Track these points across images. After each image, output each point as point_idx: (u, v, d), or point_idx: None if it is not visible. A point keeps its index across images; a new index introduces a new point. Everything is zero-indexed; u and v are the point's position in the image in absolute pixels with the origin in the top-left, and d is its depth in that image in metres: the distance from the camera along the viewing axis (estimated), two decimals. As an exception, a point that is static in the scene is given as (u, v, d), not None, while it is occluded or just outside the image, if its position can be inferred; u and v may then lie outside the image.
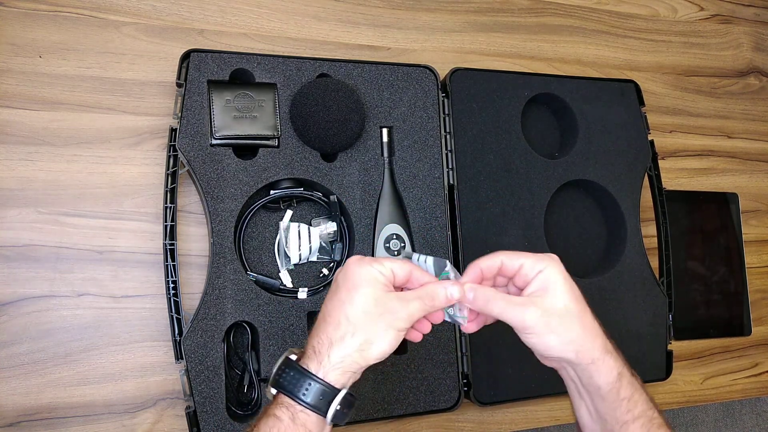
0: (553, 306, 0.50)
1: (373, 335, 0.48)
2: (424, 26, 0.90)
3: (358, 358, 0.48)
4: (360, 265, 0.50)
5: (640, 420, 0.51)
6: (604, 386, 0.51)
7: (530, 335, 0.50)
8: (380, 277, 0.49)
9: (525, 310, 0.50)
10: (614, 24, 1.02)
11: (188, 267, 0.72)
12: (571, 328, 0.50)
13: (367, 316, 0.48)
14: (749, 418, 1.76)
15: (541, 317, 0.49)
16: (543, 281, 0.51)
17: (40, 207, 0.69)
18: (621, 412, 0.51)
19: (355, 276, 0.49)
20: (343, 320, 0.48)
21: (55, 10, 0.73)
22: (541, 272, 0.51)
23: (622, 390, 0.51)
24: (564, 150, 0.89)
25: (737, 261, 1.01)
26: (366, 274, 0.49)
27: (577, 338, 0.50)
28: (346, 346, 0.48)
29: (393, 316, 0.49)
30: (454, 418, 0.80)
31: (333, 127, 0.72)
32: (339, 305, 0.49)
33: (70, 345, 0.68)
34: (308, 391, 0.47)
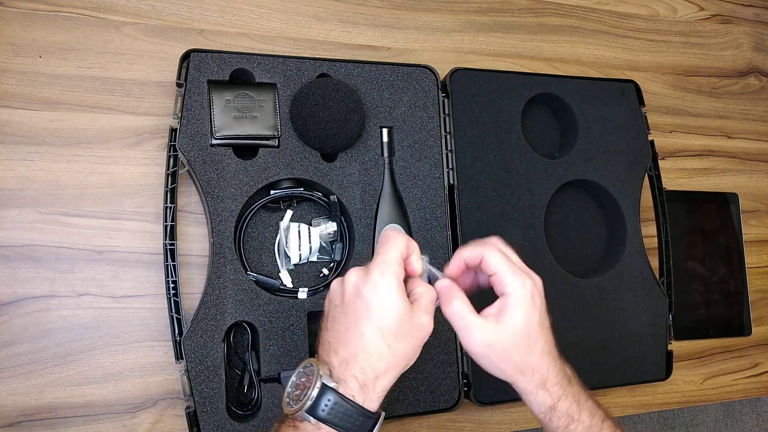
0: (498, 338, 0.51)
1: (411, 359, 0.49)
2: (424, 26, 0.90)
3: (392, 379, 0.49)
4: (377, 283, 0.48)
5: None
6: (537, 414, 0.55)
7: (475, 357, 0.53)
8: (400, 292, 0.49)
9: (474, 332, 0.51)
10: (614, 24, 1.02)
11: (188, 267, 0.72)
12: (506, 365, 0.52)
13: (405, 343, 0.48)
14: (749, 418, 1.76)
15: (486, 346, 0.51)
16: (504, 305, 0.52)
17: (40, 207, 0.69)
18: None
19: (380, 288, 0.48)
20: (386, 351, 0.47)
21: (55, 10, 0.73)
22: (508, 296, 0.52)
23: (554, 420, 0.54)
24: (564, 150, 0.89)
25: (737, 261, 1.01)
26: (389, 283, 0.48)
27: (511, 371, 0.53)
28: (390, 377, 0.48)
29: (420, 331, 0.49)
30: (454, 418, 0.80)
31: (333, 127, 0.72)
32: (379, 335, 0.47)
33: (70, 345, 0.68)
34: (352, 422, 0.46)
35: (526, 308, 0.51)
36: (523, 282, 0.52)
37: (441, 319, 0.76)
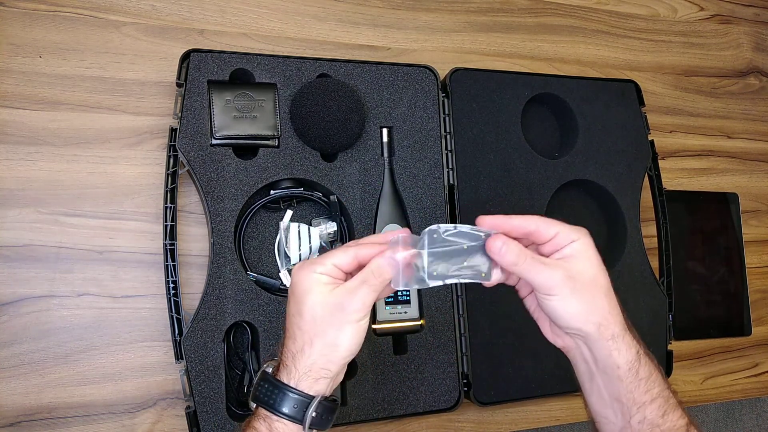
0: (582, 272, 0.49)
1: (333, 338, 0.48)
2: (424, 26, 0.90)
3: (326, 363, 0.48)
4: (301, 274, 0.49)
5: (657, 401, 0.50)
6: (624, 365, 0.49)
7: (553, 297, 0.48)
8: (322, 278, 0.49)
9: (552, 270, 0.48)
10: (614, 24, 1.02)
11: (188, 267, 0.72)
12: (597, 297, 0.49)
13: (318, 323, 0.48)
14: (749, 418, 1.76)
15: (567, 279, 0.48)
16: (575, 249, 0.49)
17: (40, 207, 0.69)
18: (639, 392, 0.49)
19: (298, 286, 0.49)
20: (297, 332, 0.49)
21: (55, 10, 0.73)
22: (574, 242, 0.50)
23: (641, 369, 0.50)
24: (564, 150, 0.89)
25: (737, 261, 1.01)
26: (307, 281, 0.49)
27: (600, 309, 0.49)
28: (307, 356, 0.48)
29: (344, 312, 0.48)
30: (454, 418, 0.80)
31: (333, 127, 0.72)
32: (291, 318, 0.50)
33: (70, 345, 0.68)
34: (282, 402, 0.48)
35: (592, 254, 0.50)
36: (584, 232, 0.51)
37: (441, 319, 0.77)
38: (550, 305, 0.49)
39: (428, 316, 0.77)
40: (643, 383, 0.50)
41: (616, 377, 0.50)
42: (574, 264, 0.49)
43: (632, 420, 0.50)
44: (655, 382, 0.50)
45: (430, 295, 0.77)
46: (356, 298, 0.48)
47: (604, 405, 0.52)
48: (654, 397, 0.50)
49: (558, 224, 0.50)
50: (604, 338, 0.49)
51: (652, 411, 0.49)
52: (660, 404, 0.50)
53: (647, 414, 0.49)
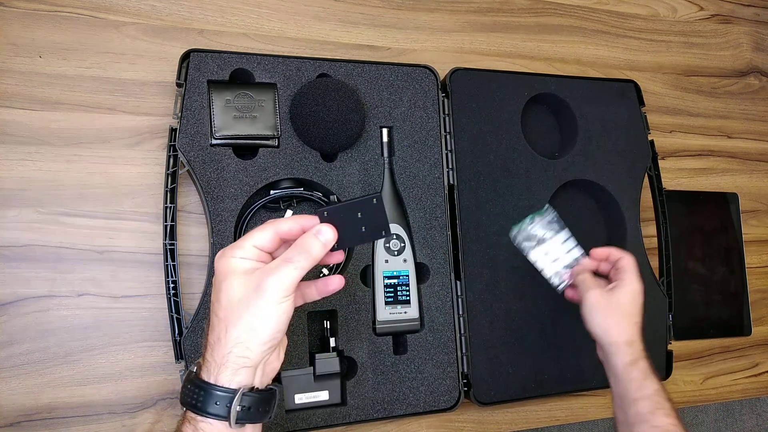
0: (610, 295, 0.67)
1: (249, 322, 0.45)
2: (424, 26, 0.90)
3: (244, 351, 0.46)
4: (220, 261, 0.47)
5: (648, 400, 0.61)
6: (620, 365, 0.63)
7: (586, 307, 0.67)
8: (241, 262, 0.47)
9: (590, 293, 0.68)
10: (614, 24, 1.02)
11: (188, 267, 0.72)
12: (609, 315, 0.66)
13: (235, 306, 0.45)
14: (749, 418, 1.76)
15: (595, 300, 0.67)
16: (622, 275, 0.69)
17: (40, 207, 0.69)
18: (632, 390, 0.62)
19: (218, 274, 0.47)
20: (214, 320, 0.47)
21: (55, 10, 0.73)
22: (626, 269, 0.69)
23: (634, 373, 0.62)
24: (564, 150, 0.89)
25: (737, 261, 1.01)
26: (225, 266, 0.47)
27: (608, 323, 0.66)
28: (223, 344, 0.46)
29: (264, 292, 0.45)
30: (454, 418, 0.80)
31: (333, 127, 0.72)
32: (210, 309, 0.47)
33: (70, 345, 0.68)
34: (205, 400, 0.45)
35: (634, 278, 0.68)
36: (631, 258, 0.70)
37: (441, 319, 0.77)
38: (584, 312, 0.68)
39: (428, 316, 0.77)
40: (634, 383, 0.62)
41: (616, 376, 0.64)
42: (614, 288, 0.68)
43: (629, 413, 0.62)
44: (647, 386, 0.62)
45: (430, 295, 0.77)
46: (275, 278, 0.45)
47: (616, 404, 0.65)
48: (644, 396, 0.61)
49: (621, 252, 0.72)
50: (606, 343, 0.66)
51: (643, 406, 0.61)
52: (650, 403, 0.61)
53: (639, 408, 0.61)
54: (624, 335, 0.65)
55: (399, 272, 0.76)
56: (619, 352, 0.64)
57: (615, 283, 0.68)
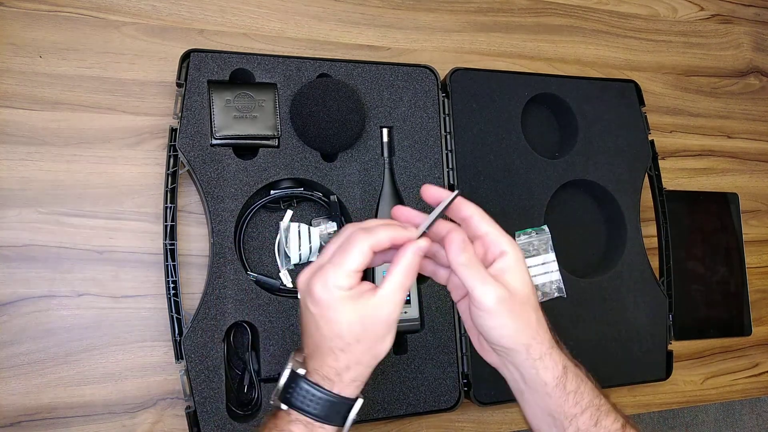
0: (516, 291, 0.48)
1: (375, 348, 0.47)
2: (424, 26, 0.90)
3: (367, 370, 0.48)
4: (320, 290, 0.46)
5: (588, 411, 0.50)
6: (551, 381, 0.50)
7: (488, 316, 0.48)
8: (346, 294, 0.45)
9: (495, 287, 0.47)
10: (614, 24, 1.02)
11: (188, 267, 0.72)
12: (529, 318, 0.49)
13: (360, 339, 0.46)
14: (749, 418, 1.76)
15: (505, 299, 0.47)
16: (508, 264, 0.49)
17: (40, 207, 0.69)
18: (569, 405, 0.50)
19: (322, 304, 0.46)
20: (339, 353, 0.46)
21: (55, 10, 0.73)
22: (506, 254, 0.49)
23: (568, 383, 0.50)
24: (564, 150, 0.89)
25: (737, 261, 1.01)
26: (332, 299, 0.45)
27: (530, 329, 0.49)
28: (353, 369, 0.47)
29: (383, 323, 0.46)
30: (454, 418, 0.80)
31: (333, 127, 0.72)
32: (326, 340, 0.46)
33: (70, 345, 0.68)
34: (327, 409, 0.46)
35: (524, 268, 0.50)
36: (513, 242, 0.50)
37: (441, 319, 0.77)
38: (482, 321, 0.49)
39: (428, 316, 0.77)
40: (571, 396, 0.50)
41: (545, 394, 0.50)
42: (509, 280, 0.48)
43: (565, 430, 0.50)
44: (584, 393, 0.51)
45: (430, 295, 0.77)
46: (392, 306, 0.46)
47: (538, 419, 0.52)
48: (584, 408, 0.50)
49: (492, 224, 0.50)
50: (531, 358, 0.49)
51: (584, 421, 0.50)
52: (591, 413, 0.50)
53: (580, 425, 0.50)
54: (547, 336, 0.50)
55: None
56: (548, 363, 0.50)
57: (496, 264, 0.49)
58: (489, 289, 0.47)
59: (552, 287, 0.83)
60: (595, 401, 0.51)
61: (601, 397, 0.52)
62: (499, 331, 0.48)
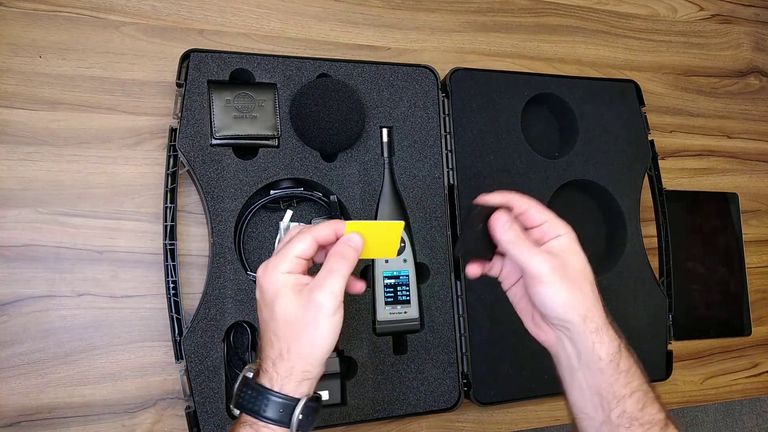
0: (571, 264, 0.50)
1: (310, 339, 0.47)
2: (424, 26, 0.90)
3: (306, 366, 0.48)
4: (266, 276, 0.49)
5: (636, 394, 0.51)
6: (605, 357, 0.50)
7: (543, 285, 0.49)
8: (288, 278, 0.48)
9: (546, 255, 0.50)
10: (614, 24, 1.02)
11: (188, 267, 0.72)
12: (584, 289, 0.50)
13: (293, 325, 0.48)
14: (749, 418, 1.76)
15: (559, 267, 0.49)
16: (562, 243, 0.51)
17: (40, 207, 0.69)
18: (619, 385, 0.50)
19: (267, 291, 0.49)
20: (274, 338, 0.48)
21: (55, 10, 0.73)
22: (561, 236, 0.51)
23: (622, 362, 0.51)
24: (564, 150, 0.89)
25: (737, 261, 1.01)
26: (274, 283, 0.48)
27: (587, 301, 0.50)
28: (286, 360, 0.48)
29: (317, 307, 0.47)
30: (454, 418, 0.80)
31: (333, 127, 0.72)
32: (265, 325, 0.49)
33: (70, 345, 0.68)
34: (268, 407, 0.47)
35: (578, 248, 0.52)
36: (570, 228, 0.52)
37: (441, 319, 0.77)
38: (539, 292, 0.50)
39: (428, 316, 0.77)
40: (623, 376, 0.50)
41: (598, 369, 0.50)
42: (563, 255, 0.50)
43: (612, 414, 0.50)
44: (635, 375, 0.51)
45: (430, 295, 0.77)
46: (325, 292, 0.48)
47: (585, 400, 0.52)
48: (633, 390, 0.50)
49: (548, 213, 0.53)
50: (588, 330, 0.50)
51: (632, 404, 0.50)
52: (639, 397, 0.50)
53: (626, 407, 0.50)
54: (599, 311, 0.51)
55: (399, 272, 0.76)
56: (604, 338, 0.50)
57: (550, 245, 0.51)
58: (541, 258, 0.49)
59: None
60: (644, 386, 0.51)
61: (648, 385, 0.52)
62: (555, 300, 0.49)
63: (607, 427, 0.51)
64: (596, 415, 0.51)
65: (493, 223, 0.51)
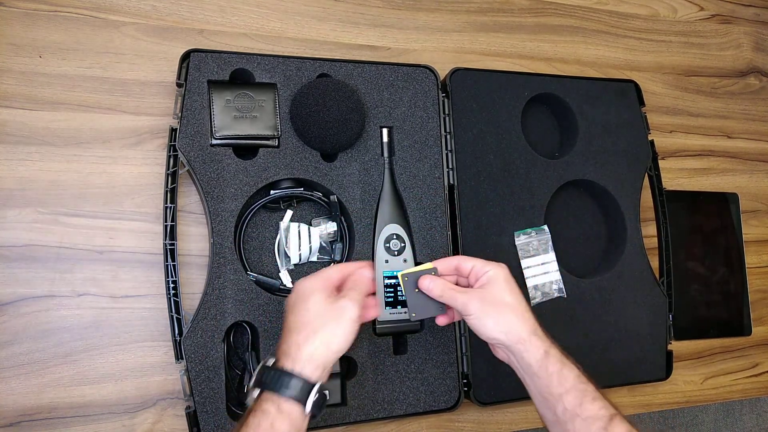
0: (491, 296, 0.61)
1: (332, 331, 0.57)
2: (424, 26, 0.90)
3: (325, 351, 0.56)
4: (304, 282, 0.60)
5: (572, 392, 0.58)
6: (534, 363, 0.59)
7: (472, 318, 0.61)
8: (321, 284, 0.60)
9: (469, 298, 0.61)
10: (614, 24, 1.02)
11: (188, 267, 0.72)
12: (503, 314, 0.60)
13: (321, 317, 0.57)
14: (749, 418, 1.76)
15: (480, 304, 0.61)
16: (488, 277, 0.63)
17: (40, 207, 0.69)
18: (554, 385, 0.58)
19: (302, 291, 0.59)
20: (303, 326, 0.57)
21: (55, 10, 0.73)
22: (487, 272, 0.63)
23: (550, 366, 0.59)
24: (564, 150, 0.89)
25: (737, 261, 1.01)
26: (310, 287, 0.59)
27: (507, 322, 0.60)
28: (310, 343, 0.55)
29: (342, 309, 0.58)
30: (454, 418, 0.80)
31: (333, 127, 0.72)
32: (298, 316, 0.58)
33: (70, 345, 0.68)
34: (289, 386, 0.53)
35: (507, 277, 0.63)
36: (498, 264, 0.64)
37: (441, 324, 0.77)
38: (472, 324, 0.62)
39: (428, 316, 0.77)
40: (554, 377, 0.58)
41: (534, 374, 0.59)
42: (487, 289, 0.62)
43: (557, 411, 0.58)
44: (567, 376, 0.59)
45: (430, 295, 0.77)
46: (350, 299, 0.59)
47: (539, 403, 0.61)
48: (567, 389, 0.58)
49: (474, 260, 0.65)
50: (513, 342, 0.60)
51: (570, 401, 0.58)
52: (575, 395, 0.58)
53: (566, 404, 0.58)
54: (527, 326, 0.60)
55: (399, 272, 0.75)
56: (529, 347, 0.59)
57: (480, 281, 0.63)
58: (465, 299, 0.61)
59: (552, 287, 0.83)
60: (579, 385, 0.58)
61: (588, 384, 0.59)
62: (485, 327, 0.61)
63: (558, 424, 0.59)
64: (548, 414, 0.60)
65: (421, 287, 0.64)
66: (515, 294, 0.62)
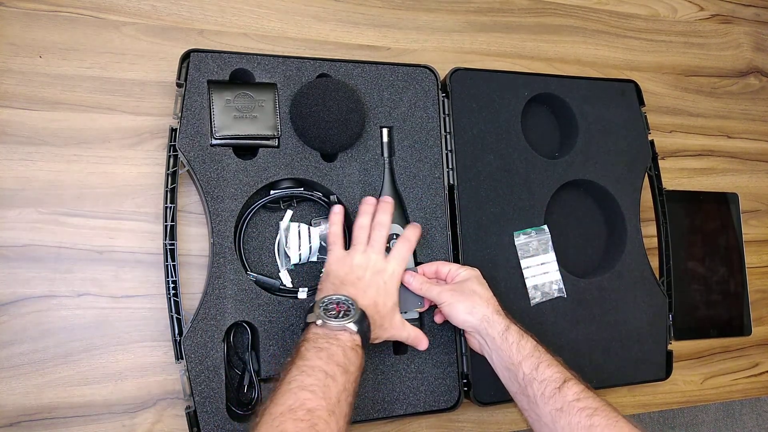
0: (462, 288, 0.71)
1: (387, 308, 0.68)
2: (424, 26, 0.90)
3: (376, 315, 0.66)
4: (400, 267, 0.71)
5: (529, 359, 0.65)
6: (497, 336, 0.68)
7: (447, 306, 0.70)
8: None
9: (443, 289, 0.71)
10: (614, 24, 1.02)
11: (188, 267, 0.72)
12: (471, 299, 0.70)
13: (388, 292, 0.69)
14: (749, 418, 1.76)
15: (452, 293, 0.70)
16: (461, 277, 0.73)
17: (40, 207, 0.69)
18: (513, 353, 0.66)
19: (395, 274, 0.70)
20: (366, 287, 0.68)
21: (55, 10, 0.73)
22: (460, 273, 0.73)
23: (510, 336, 0.67)
24: (564, 150, 0.89)
25: (737, 261, 1.01)
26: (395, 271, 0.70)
27: (473, 304, 0.70)
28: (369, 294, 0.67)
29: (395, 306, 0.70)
30: (454, 418, 0.80)
31: (333, 127, 0.72)
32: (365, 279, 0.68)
33: (70, 345, 0.68)
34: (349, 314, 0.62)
35: (477, 276, 0.73)
36: (471, 268, 0.74)
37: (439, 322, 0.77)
38: (447, 312, 0.71)
39: (428, 317, 0.77)
40: (514, 346, 0.67)
41: (497, 348, 0.68)
42: (459, 283, 0.72)
43: (518, 378, 0.65)
44: (525, 346, 0.66)
45: (430, 295, 0.77)
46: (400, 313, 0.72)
47: (506, 378, 0.69)
48: (525, 357, 0.66)
49: (451, 264, 0.75)
50: (483, 323, 0.69)
51: (527, 367, 0.65)
52: (532, 362, 0.65)
53: (524, 370, 0.65)
54: (490, 307, 0.69)
55: None
56: (492, 324, 0.68)
57: (455, 280, 0.73)
58: (440, 290, 0.71)
59: (552, 287, 0.83)
60: (536, 353, 0.66)
61: (545, 353, 0.66)
62: (455, 311, 0.70)
63: (522, 394, 0.66)
64: (513, 386, 0.67)
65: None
66: (484, 288, 0.72)
